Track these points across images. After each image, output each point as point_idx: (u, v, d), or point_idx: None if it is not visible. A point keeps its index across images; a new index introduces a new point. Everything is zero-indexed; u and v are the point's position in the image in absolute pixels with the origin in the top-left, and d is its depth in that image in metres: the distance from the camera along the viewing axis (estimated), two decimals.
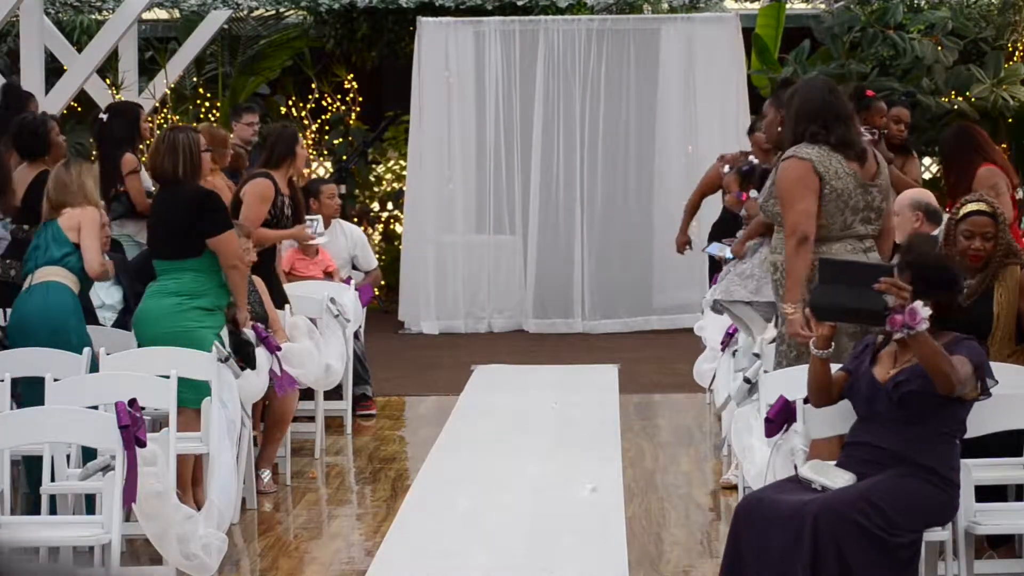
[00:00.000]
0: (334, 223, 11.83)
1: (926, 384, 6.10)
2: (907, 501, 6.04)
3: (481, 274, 15.88)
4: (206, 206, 8.38)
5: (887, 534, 5.94)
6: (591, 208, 15.80)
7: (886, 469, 6.12)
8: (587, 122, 15.82)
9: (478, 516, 8.56)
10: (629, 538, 8.05)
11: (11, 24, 15.40)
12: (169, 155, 8.46)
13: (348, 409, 11.01)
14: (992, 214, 7.40)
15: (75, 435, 6.98)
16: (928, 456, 6.12)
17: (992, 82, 15.60)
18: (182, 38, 17.05)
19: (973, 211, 7.47)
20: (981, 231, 7.38)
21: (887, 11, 15.77)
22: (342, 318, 10.40)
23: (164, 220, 8.46)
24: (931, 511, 6.14)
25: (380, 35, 17.69)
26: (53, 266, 8.37)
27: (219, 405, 7.92)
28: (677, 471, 9.74)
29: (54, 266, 8.37)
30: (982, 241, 7.38)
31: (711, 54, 15.77)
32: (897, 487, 6.06)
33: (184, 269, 8.35)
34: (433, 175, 15.76)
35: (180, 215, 8.35)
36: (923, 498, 6.09)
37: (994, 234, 7.37)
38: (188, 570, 6.91)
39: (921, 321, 5.99)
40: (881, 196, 7.48)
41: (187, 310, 8.30)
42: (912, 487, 6.08)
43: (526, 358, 14.00)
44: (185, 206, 8.36)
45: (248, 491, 8.80)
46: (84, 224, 8.38)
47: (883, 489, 6.03)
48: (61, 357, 7.98)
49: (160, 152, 8.50)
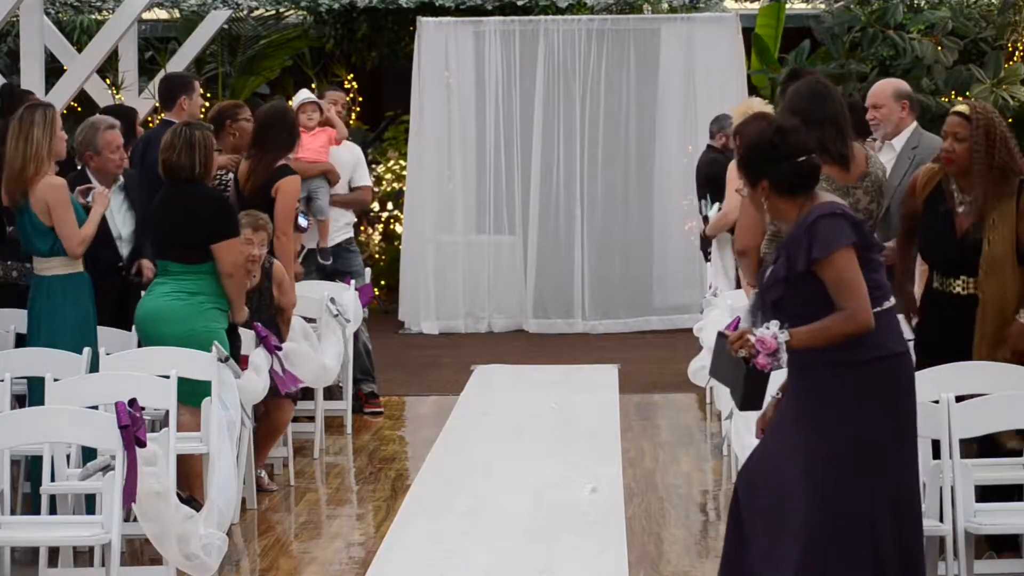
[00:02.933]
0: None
1: (788, 289, 5.93)
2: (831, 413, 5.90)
3: (481, 274, 15.87)
4: (221, 212, 8.34)
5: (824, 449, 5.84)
6: (591, 208, 15.79)
7: (797, 371, 6.00)
8: (587, 122, 15.82)
9: (478, 516, 8.56)
10: (629, 538, 8.05)
11: (11, 24, 15.40)
12: (186, 151, 8.34)
13: (348, 409, 11.01)
14: (967, 116, 7.20)
15: (75, 435, 6.98)
16: (840, 351, 5.89)
17: (992, 82, 15.60)
18: (182, 38, 17.04)
19: (952, 112, 7.33)
20: (953, 131, 7.22)
21: (887, 11, 15.77)
22: (342, 318, 10.40)
23: (178, 223, 8.36)
24: (864, 395, 5.91)
25: (380, 35, 17.69)
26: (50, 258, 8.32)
27: (219, 405, 7.92)
28: (677, 471, 9.74)
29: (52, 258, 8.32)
30: (952, 141, 7.21)
31: (711, 54, 15.76)
32: (815, 403, 5.93)
33: (202, 272, 8.31)
34: (433, 175, 15.75)
35: (196, 219, 8.29)
36: (834, 396, 5.91)
37: (966, 136, 7.16)
38: (188, 570, 6.91)
39: (777, 345, 5.87)
40: (869, 197, 7.47)
41: (208, 310, 8.29)
42: (825, 392, 5.91)
43: (526, 358, 13.99)
44: (202, 211, 8.30)
45: (248, 491, 8.80)
46: (51, 203, 8.27)
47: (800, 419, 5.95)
48: (61, 357, 7.98)
49: (176, 148, 8.37)
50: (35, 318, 8.34)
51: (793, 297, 5.91)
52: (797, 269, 5.88)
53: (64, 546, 7.26)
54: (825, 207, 5.91)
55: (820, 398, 5.91)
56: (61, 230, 8.22)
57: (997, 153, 7.14)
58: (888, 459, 5.87)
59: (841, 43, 15.98)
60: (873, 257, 5.92)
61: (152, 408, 7.80)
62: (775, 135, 6.00)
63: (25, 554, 7.67)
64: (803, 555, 5.82)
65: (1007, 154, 7.16)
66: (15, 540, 6.98)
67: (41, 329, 8.28)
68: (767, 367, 5.81)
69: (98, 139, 8.94)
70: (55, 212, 8.21)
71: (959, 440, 6.57)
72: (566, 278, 15.81)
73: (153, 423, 8.26)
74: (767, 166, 5.97)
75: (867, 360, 5.86)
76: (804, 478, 5.86)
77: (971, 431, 6.61)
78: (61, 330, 8.22)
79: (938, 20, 15.82)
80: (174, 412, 7.53)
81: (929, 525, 6.48)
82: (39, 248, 8.33)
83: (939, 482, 6.51)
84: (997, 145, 7.14)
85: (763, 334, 5.79)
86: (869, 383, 5.88)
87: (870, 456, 5.86)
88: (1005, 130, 7.22)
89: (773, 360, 5.80)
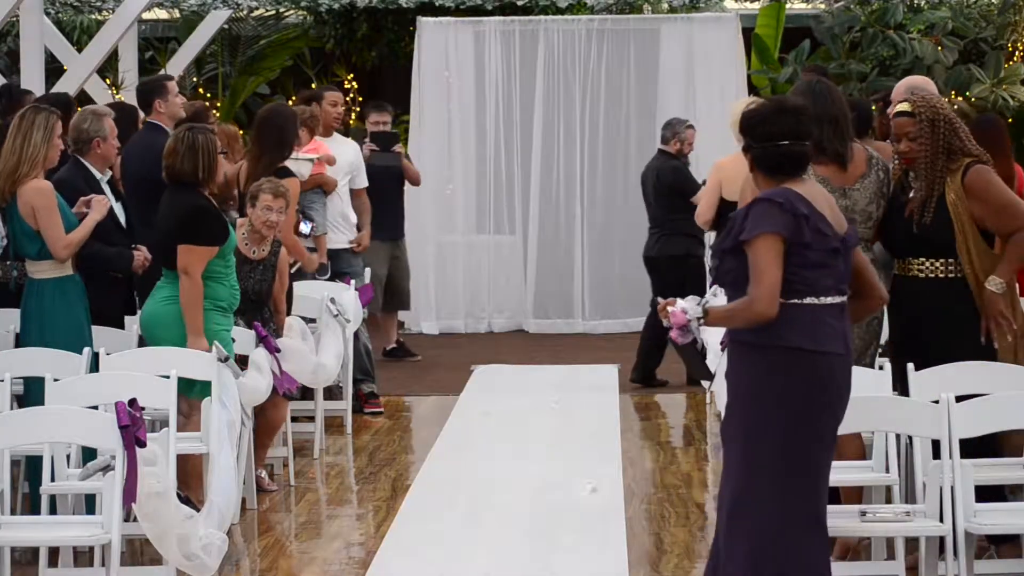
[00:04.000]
0: (337, 136, 11.89)
1: (722, 262, 6.05)
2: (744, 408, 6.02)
3: (481, 274, 15.88)
4: (194, 217, 8.26)
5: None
6: (591, 208, 15.80)
7: (728, 346, 6.12)
8: (587, 122, 15.82)
9: (478, 516, 8.56)
10: (629, 538, 8.05)
11: (11, 24, 15.40)
12: (189, 155, 8.30)
13: (348, 409, 11.01)
14: (911, 112, 7.28)
15: (75, 435, 6.97)
16: (748, 333, 6.01)
17: (992, 82, 15.61)
18: (182, 38, 17.06)
19: (895, 112, 7.43)
20: (902, 132, 7.31)
21: (887, 11, 15.78)
22: (342, 318, 10.40)
23: (163, 228, 8.37)
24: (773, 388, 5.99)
25: (380, 35, 17.71)
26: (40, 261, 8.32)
27: (219, 405, 7.91)
28: (677, 471, 9.74)
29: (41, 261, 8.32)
30: (906, 142, 7.30)
31: (711, 54, 15.77)
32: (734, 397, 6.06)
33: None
34: (433, 175, 15.75)
35: (171, 223, 8.28)
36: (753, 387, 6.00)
37: (916, 134, 7.24)
38: (188, 570, 6.91)
39: (686, 320, 5.96)
40: (867, 199, 7.47)
41: (208, 311, 8.27)
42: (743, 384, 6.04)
43: (526, 358, 14.00)
44: (176, 216, 8.27)
45: (248, 491, 8.80)
46: (36, 208, 8.23)
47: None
48: (61, 357, 7.98)
49: (179, 152, 8.32)
50: (27, 320, 8.34)
51: (726, 271, 6.05)
52: (725, 245, 6.02)
53: (64, 546, 7.25)
54: (773, 192, 5.98)
55: (734, 376, 6.08)
56: (46, 233, 8.20)
57: (942, 136, 7.24)
58: (779, 455, 5.93)
59: (841, 43, 15.99)
60: (807, 252, 5.91)
61: (152, 408, 7.79)
62: (772, 112, 6.06)
63: (25, 554, 7.67)
64: (727, 520, 6.04)
65: (953, 136, 7.26)
66: (15, 540, 6.98)
67: (33, 331, 8.28)
68: (677, 340, 5.97)
69: (105, 126, 8.93)
70: (40, 216, 8.18)
71: (959, 440, 6.57)
72: (566, 278, 15.81)
73: (153, 423, 8.25)
74: (754, 140, 6.04)
75: (767, 347, 5.95)
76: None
77: (971, 431, 6.60)
78: (52, 332, 8.20)
79: (938, 20, 15.84)
80: (174, 412, 7.52)
81: (929, 525, 6.50)
82: (28, 251, 8.31)
83: (939, 482, 6.51)
84: (941, 128, 7.24)
85: (675, 308, 5.91)
86: (768, 372, 5.97)
87: (762, 446, 5.95)
88: (950, 114, 7.32)
89: (684, 334, 5.93)
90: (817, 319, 5.96)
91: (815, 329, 5.95)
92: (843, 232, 6.04)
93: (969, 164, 7.26)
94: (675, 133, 12.83)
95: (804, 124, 6.05)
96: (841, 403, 6.05)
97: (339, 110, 12.04)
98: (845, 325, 6.04)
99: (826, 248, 5.95)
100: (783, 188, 5.99)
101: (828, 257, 5.96)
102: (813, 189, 6.08)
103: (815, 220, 5.94)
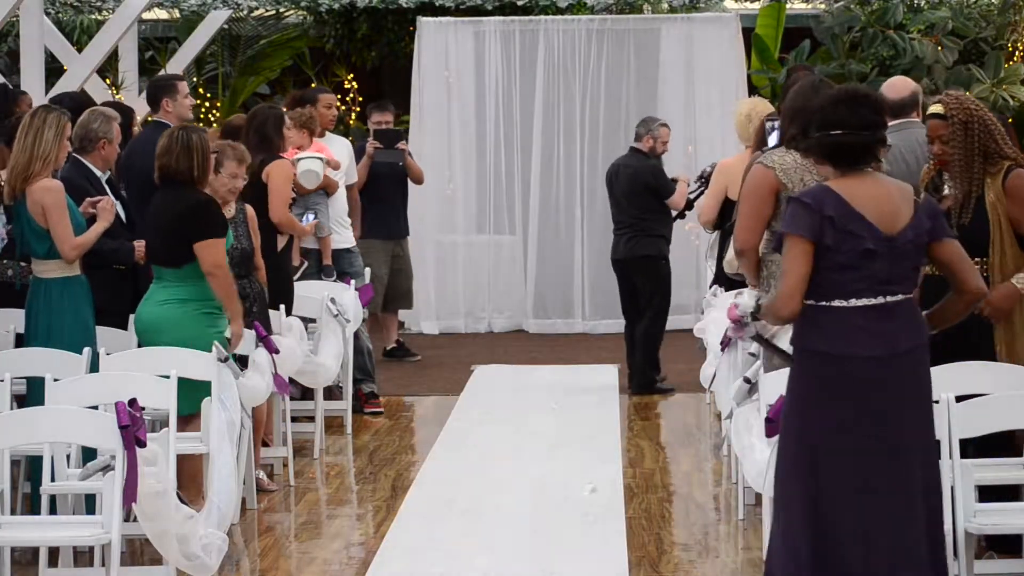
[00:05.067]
0: (329, 135, 11.92)
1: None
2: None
3: (481, 274, 15.88)
4: (203, 212, 8.30)
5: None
6: (591, 208, 15.79)
7: None
8: (587, 122, 15.82)
9: (478, 516, 8.56)
10: (629, 538, 8.05)
11: (11, 24, 15.40)
12: (184, 155, 8.30)
13: (348, 409, 11.02)
14: (943, 115, 7.26)
15: (75, 435, 6.97)
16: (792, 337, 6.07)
17: (992, 82, 15.61)
18: (182, 38, 17.05)
19: (928, 114, 7.41)
20: (935, 134, 7.30)
21: (887, 11, 15.78)
22: (342, 318, 10.41)
23: (162, 227, 8.35)
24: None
25: (380, 35, 17.70)
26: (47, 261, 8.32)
27: (219, 405, 7.91)
28: (677, 471, 9.75)
29: (49, 261, 8.31)
30: (939, 145, 7.29)
31: (711, 54, 15.77)
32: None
33: (188, 276, 8.28)
34: (433, 175, 15.74)
35: (178, 222, 8.28)
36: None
37: (949, 137, 7.22)
38: (188, 570, 6.91)
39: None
40: None
41: (201, 315, 8.26)
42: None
43: (526, 358, 14.00)
44: (182, 212, 8.27)
45: (248, 491, 8.80)
46: (46, 206, 8.25)
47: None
48: (62, 357, 7.98)
49: (173, 152, 8.31)
50: (33, 319, 8.34)
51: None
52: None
53: (64, 546, 7.26)
54: (807, 192, 5.97)
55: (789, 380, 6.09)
56: (55, 232, 8.21)
57: (977, 139, 7.21)
58: (818, 460, 5.89)
59: (841, 43, 15.99)
60: (832, 255, 5.83)
61: (152, 408, 7.79)
62: (830, 102, 5.98)
63: (25, 554, 7.67)
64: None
65: (988, 138, 7.22)
66: (15, 540, 6.97)
67: (39, 330, 8.28)
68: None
69: (113, 129, 8.96)
70: (50, 215, 8.19)
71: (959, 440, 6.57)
72: (566, 278, 15.81)
73: (153, 423, 8.25)
74: (814, 128, 5.97)
75: (799, 350, 5.96)
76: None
77: (971, 431, 6.60)
78: (59, 332, 8.21)
79: (938, 20, 15.83)
80: (174, 412, 7.52)
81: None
82: (36, 250, 8.31)
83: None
84: (976, 132, 7.21)
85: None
86: (799, 375, 5.98)
87: (783, 447, 5.97)
88: (985, 115, 7.27)
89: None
90: (844, 322, 5.84)
91: (841, 333, 5.84)
92: (892, 232, 5.85)
93: (1010, 167, 7.26)
94: (649, 130, 12.61)
95: (863, 114, 5.89)
96: (879, 407, 5.86)
97: (334, 112, 12.08)
98: (887, 326, 5.85)
99: (856, 250, 5.80)
100: (820, 186, 5.95)
101: (858, 259, 5.81)
102: (862, 186, 5.90)
103: (844, 221, 5.81)
